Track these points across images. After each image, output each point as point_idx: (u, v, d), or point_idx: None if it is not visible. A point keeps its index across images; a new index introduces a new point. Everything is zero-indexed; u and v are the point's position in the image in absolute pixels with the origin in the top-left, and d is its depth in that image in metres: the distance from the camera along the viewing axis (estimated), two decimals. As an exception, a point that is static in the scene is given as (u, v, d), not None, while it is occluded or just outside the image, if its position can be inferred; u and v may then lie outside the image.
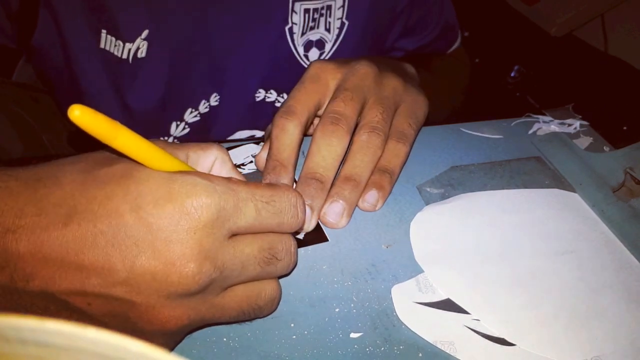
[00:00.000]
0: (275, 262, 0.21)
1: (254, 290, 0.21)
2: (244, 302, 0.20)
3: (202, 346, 0.22)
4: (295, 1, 0.40)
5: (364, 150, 0.28)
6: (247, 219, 0.19)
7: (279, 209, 0.20)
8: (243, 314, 0.21)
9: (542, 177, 0.32)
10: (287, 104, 0.28)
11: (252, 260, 0.20)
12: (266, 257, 0.20)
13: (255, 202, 0.19)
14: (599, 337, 0.23)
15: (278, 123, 0.27)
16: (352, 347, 0.22)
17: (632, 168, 0.31)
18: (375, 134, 0.28)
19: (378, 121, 0.28)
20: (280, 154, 0.27)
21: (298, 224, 0.21)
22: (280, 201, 0.20)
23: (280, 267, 0.21)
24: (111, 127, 0.16)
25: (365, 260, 0.26)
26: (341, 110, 0.28)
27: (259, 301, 0.21)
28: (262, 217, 0.20)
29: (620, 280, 0.26)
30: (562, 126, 0.36)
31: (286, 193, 0.21)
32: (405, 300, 0.24)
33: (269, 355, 0.21)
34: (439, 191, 0.31)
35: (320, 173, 0.27)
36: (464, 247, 0.27)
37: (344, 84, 0.29)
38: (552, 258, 0.26)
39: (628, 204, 0.30)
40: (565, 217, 0.29)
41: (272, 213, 0.20)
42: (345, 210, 0.27)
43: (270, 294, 0.21)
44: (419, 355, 0.22)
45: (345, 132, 0.27)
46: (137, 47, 0.38)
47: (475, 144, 0.35)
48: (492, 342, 0.22)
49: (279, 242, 0.21)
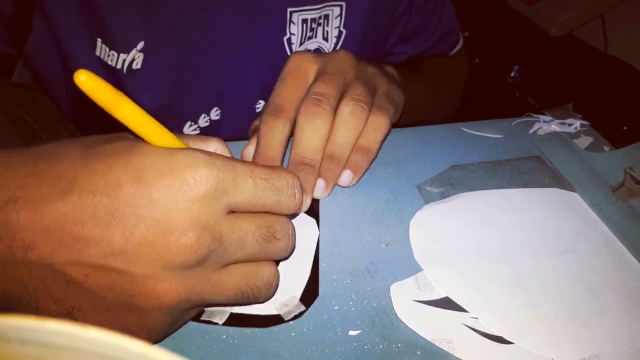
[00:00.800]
0: (273, 241, 0.21)
1: (253, 270, 0.21)
2: (242, 281, 0.20)
3: (202, 344, 0.22)
4: (293, 12, 0.40)
5: (347, 124, 0.28)
6: (245, 194, 0.19)
7: (277, 187, 0.20)
8: (242, 295, 0.21)
9: (542, 177, 0.32)
10: (273, 101, 0.29)
11: (250, 236, 0.20)
12: (264, 234, 0.20)
13: (253, 178, 0.20)
14: (597, 336, 0.23)
15: (267, 120, 0.28)
16: (351, 344, 0.22)
17: (632, 168, 0.32)
18: (359, 106, 0.28)
19: (360, 93, 0.29)
20: (269, 151, 0.27)
21: (295, 205, 0.21)
22: (278, 180, 0.20)
23: (279, 247, 0.21)
24: (115, 96, 0.17)
25: (365, 258, 0.26)
26: (322, 91, 0.28)
27: (257, 282, 0.21)
28: (260, 194, 0.20)
29: (620, 279, 0.26)
30: (562, 126, 0.36)
31: (284, 173, 0.21)
32: (404, 299, 0.24)
33: (268, 353, 0.21)
34: (439, 190, 0.31)
35: (309, 157, 0.27)
36: (463, 246, 0.27)
37: (323, 69, 0.29)
38: (551, 257, 0.26)
39: (627, 204, 0.30)
40: (564, 216, 0.29)
41: (270, 190, 0.20)
42: (328, 186, 0.28)
43: (269, 276, 0.21)
44: (417, 353, 0.22)
45: (329, 112, 0.27)
46: (132, 58, 0.38)
47: (476, 144, 0.35)
48: (490, 340, 0.22)
49: (277, 222, 0.21)
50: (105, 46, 0.38)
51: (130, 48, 0.38)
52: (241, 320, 0.22)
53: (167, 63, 0.39)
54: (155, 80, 0.40)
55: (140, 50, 0.38)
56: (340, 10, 0.42)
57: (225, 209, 0.19)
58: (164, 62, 0.39)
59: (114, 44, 0.38)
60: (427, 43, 0.51)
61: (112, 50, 0.38)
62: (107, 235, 0.17)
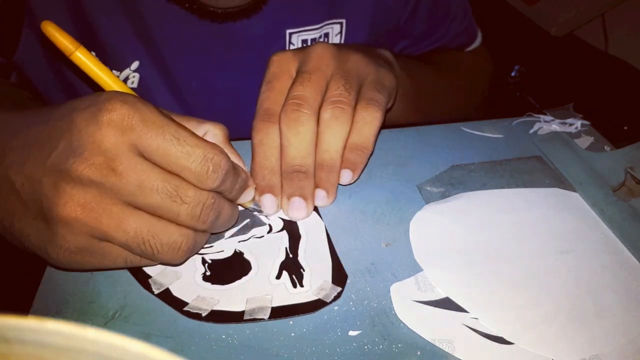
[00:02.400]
0: (179, 202, 0.21)
1: (159, 224, 0.21)
2: (145, 227, 0.21)
3: (201, 344, 0.22)
4: (292, 33, 0.40)
5: (330, 130, 0.27)
6: (151, 142, 0.20)
7: (188, 152, 0.21)
8: (142, 242, 0.21)
9: (542, 177, 0.32)
10: (262, 106, 0.28)
11: (153, 184, 0.20)
12: (169, 191, 0.21)
13: (166, 133, 0.21)
14: (598, 336, 0.23)
15: (260, 128, 0.28)
16: (351, 345, 0.22)
17: (633, 168, 0.31)
18: (339, 108, 0.27)
19: (340, 94, 0.28)
20: (265, 159, 0.27)
21: (207, 178, 0.21)
22: (192, 146, 0.21)
23: (185, 211, 0.21)
24: (72, 42, 0.23)
25: (365, 258, 0.26)
26: (300, 94, 0.27)
27: (162, 237, 0.21)
28: (166, 149, 0.20)
29: (620, 279, 0.26)
30: (563, 126, 0.36)
31: (204, 144, 0.21)
32: (404, 299, 0.24)
33: (267, 353, 0.21)
34: (439, 190, 0.31)
35: (299, 164, 0.27)
36: (463, 246, 0.27)
37: (302, 67, 0.29)
38: (552, 257, 0.26)
39: (628, 204, 0.30)
40: (565, 216, 0.29)
41: (179, 152, 0.21)
42: (328, 194, 0.28)
43: (177, 238, 0.22)
44: (417, 354, 0.22)
45: (310, 115, 0.27)
46: (126, 76, 0.38)
47: (476, 143, 0.35)
48: (490, 340, 0.22)
49: (191, 189, 0.21)
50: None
51: (123, 67, 0.38)
52: (285, 311, 0.23)
53: (163, 85, 0.39)
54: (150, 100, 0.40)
55: (134, 70, 0.38)
56: (340, 27, 0.41)
57: (131, 146, 0.20)
58: (160, 84, 0.39)
59: (107, 59, 0.38)
60: (438, 42, 0.49)
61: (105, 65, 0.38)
62: (40, 152, 0.21)
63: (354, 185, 0.30)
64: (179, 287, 0.24)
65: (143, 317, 0.23)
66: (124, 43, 0.37)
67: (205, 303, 0.23)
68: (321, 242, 0.27)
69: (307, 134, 0.27)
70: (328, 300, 0.24)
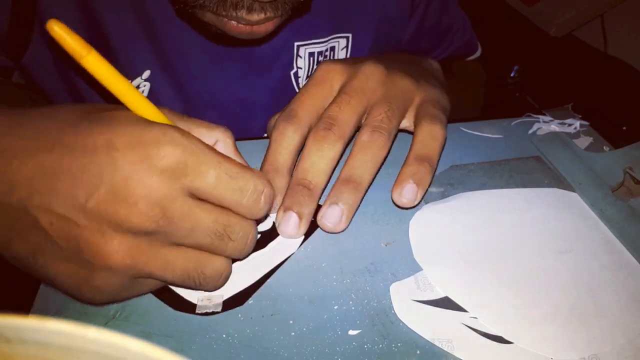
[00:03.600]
0: (227, 241, 0.21)
1: (204, 257, 0.21)
2: (191, 264, 0.21)
3: (201, 343, 0.22)
4: (300, 46, 0.40)
5: (364, 150, 0.26)
6: (205, 183, 0.20)
7: (241, 187, 0.20)
8: (188, 278, 0.21)
9: (541, 177, 0.32)
10: (290, 107, 0.28)
11: (203, 226, 0.20)
12: (218, 230, 0.21)
13: (218, 170, 0.20)
14: (597, 335, 0.23)
15: (278, 126, 0.27)
16: (351, 344, 0.22)
17: (632, 168, 0.32)
18: (378, 133, 0.26)
19: (382, 119, 0.27)
20: (277, 158, 0.27)
21: (259, 212, 0.21)
22: (244, 181, 0.21)
23: (232, 247, 0.21)
24: (83, 45, 0.19)
25: (365, 258, 0.26)
26: (334, 115, 0.27)
27: (206, 270, 0.21)
28: (221, 188, 0.20)
29: (619, 279, 0.26)
30: (562, 126, 0.36)
31: (254, 177, 0.21)
32: (404, 298, 0.24)
33: (268, 352, 0.21)
34: (439, 190, 0.31)
35: (309, 179, 0.26)
36: (462, 245, 0.27)
37: (345, 87, 0.28)
38: (551, 257, 0.27)
39: (627, 204, 0.30)
40: (564, 216, 0.29)
41: (232, 188, 0.20)
42: (344, 214, 0.26)
43: (219, 268, 0.22)
44: (416, 353, 0.22)
45: (338, 137, 0.26)
46: (137, 85, 0.38)
47: (475, 144, 0.35)
48: (489, 340, 0.22)
49: (238, 224, 0.21)
50: None
51: (134, 75, 0.38)
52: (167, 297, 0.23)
53: (173, 94, 0.39)
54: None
55: (146, 80, 0.38)
56: (346, 42, 0.41)
57: (184, 190, 0.19)
58: (170, 94, 0.39)
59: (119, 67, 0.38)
60: (441, 56, 0.50)
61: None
62: (73, 190, 0.19)
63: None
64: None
65: (143, 316, 0.23)
66: (136, 52, 0.37)
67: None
68: (269, 263, 0.25)
69: (330, 153, 0.26)
70: (198, 311, 0.23)
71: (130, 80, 0.38)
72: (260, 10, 0.27)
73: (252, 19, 0.28)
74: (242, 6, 0.27)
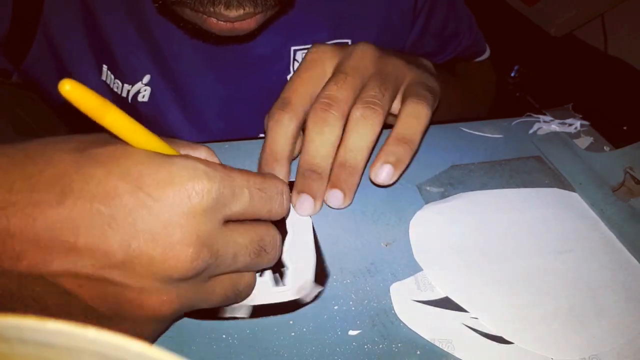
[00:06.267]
0: (263, 255, 0.21)
1: (237, 276, 0.21)
2: (229, 288, 0.21)
3: (201, 344, 0.22)
4: (297, 50, 0.40)
5: (357, 129, 0.26)
6: (242, 204, 0.19)
7: (269, 196, 0.21)
8: (226, 299, 0.21)
9: (541, 177, 0.32)
10: (283, 95, 0.28)
11: (244, 250, 0.20)
12: (256, 249, 0.21)
13: (249, 188, 0.20)
14: (597, 335, 0.23)
15: (274, 115, 0.27)
16: (351, 344, 0.22)
17: (632, 168, 0.32)
18: (370, 109, 0.26)
19: (374, 95, 0.27)
20: (274, 146, 0.27)
21: (284, 211, 0.22)
22: (270, 188, 0.21)
23: (267, 259, 0.21)
24: (101, 104, 0.16)
25: (365, 258, 0.26)
26: (333, 94, 0.27)
27: (239, 287, 0.21)
28: (255, 203, 0.20)
29: (619, 279, 0.26)
30: (562, 126, 0.36)
31: (274, 181, 0.21)
32: (404, 299, 0.24)
33: (268, 353, 0.21)
34: (439, 190, 0.31)
35: (317, 164, 0.27)
36: (463, 245, 0.27)
37: (340, 67, 0.28)
38: (551, 257, 0.26)
39: (627, 204, 0.30)
40: (564, 216, 0.29)
41: (263, 200, 0.20)
42: (345, 195, 0.27)
43: (249, 280, 0.22)
44: (417, 353, 0.22)
45: (338, 117, 0.26)
46: (137, 90, 0.38)
47: (476, 143, 0.35)
48: (490, 340, 0.22)
49: (267, 234, 0.21)
50: (110, 73, 0.38)
51: (135, 80, 0.38)
52: (264, 310, 0.23)
53: (172, 98, 0.39)
54: (160, 115, 0.40)
55: (146, 84, 0.38)
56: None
57: (222, 220, 0.19)
58: (170, 98, 0.39)
59: (119, 73, 0.38)
60: (447, 58, 0.49)
61: (116, 79, 0.38)
62: (103, 245, 0.16)
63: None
64: None
65: (143, 316, 0.23)
66: (136, 57, 0.37)
67: None
68: (307, 239, 0.27)
69: (331, 136, 0.26)
70: (308, 300, 0.24)
71: (131, 85, 0.38)
72: (239, 5, 0.27)
73: (231, 15, 0.28)
74: (220, 2, 0.27)
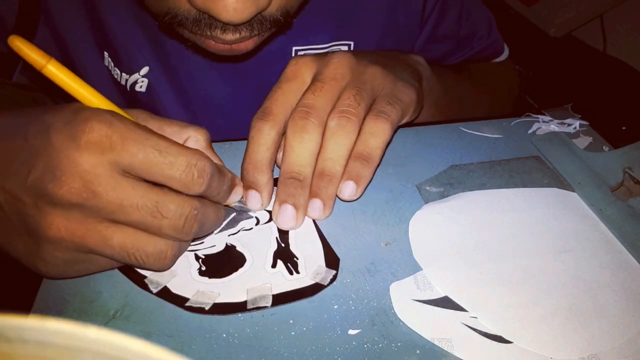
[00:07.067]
0: (160, 218, 0.21)
1: (144, 237, 0.22)
2: (129, 243, 0.21)
3: (202, 342, 0.22)
4: (299, 51, 0.40)
5: (334, 138, 0.27)
6: (133, 158, 0.20)
7: (171, 162, 0.21)
8: (128, 255, 0.22)
9: (541, 177, 0.32)
10: (263, 105, 0.28)
11: (133, 203, 0.21)
12: (149, 207, 0.21)
13: (147, 147, 0.20)
14: (596, 335, 0.23)
15: (254, 125, 0.28)
16: (351, 343, 0.22)
17: (631, 168, 0.32)
18: (345, 118, 0.27)
19: (349, 104, 0.27)
20: (255, 155, 0.27)
21: (193, 184, 0.21)
22: (175, 156, 0.21)
23: (167, 225, 0.21)
24: (42, 56, 0.21)
25: (364, 258, 0.26)
26: (310, 103, 0.27)
27: (147, 248, 0.22)
28: (149, 162, 0.20)
29: (619, 279, 0.26)
30: (561, 126, 0.36)
31: (186, 152, 0.21)
32: (404, 298, 0.24)
33: (268, 352, 0.21)
34: (438, 190, 0.31)
35: (297, 171, 0.27)
36: (462, 245, 0.27)
37: (317, 76, 0.29)
38: (551, 257, 0.27)
39: (626, 204, 0.30)
40: (563, 216, 0.29)
41: (161, 163, 0.21)
42: (325, 205, 0.27)
43: (161, 248, 0.22)
44: (416, 352, 0.22)
45: (317, 125, 0.27)
46: (135, 80, 0.38)
47: (475, 143, 0.35)
48: (489, 339, 0.23)
49: (172, 202, 0.21)
50: (110, 60, 0.39)
51: (133, 71, 0.38)
52: (286, 297, 0.24)
53: (171, 93, 0.39)
54: (158, 107, 0.40)
55: (144, 76, 0.38)
56: (348, 49, 0.41)
57: (112, 166, 0.20)
58: (169, 92, 0.39)
59: (118, 62, 0.38)
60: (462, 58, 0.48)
61: (116, 66, 0.39)
62: (21, 170, 0.20)
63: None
64: (177, 285, 0.24)
65: (144, 316, 0.23)
66: (136, 49, 0.38)
67: (206, 297, 0.23)
68: (309, 229, 0.27)
69: (310, 143, 0.27)
70: (325, 283, 0.24)
71: (129, 75, 0.39)
72: (235, 30, 0.28)
73: (227, 39, 0.28)
74: (216, 26, 0.28)
